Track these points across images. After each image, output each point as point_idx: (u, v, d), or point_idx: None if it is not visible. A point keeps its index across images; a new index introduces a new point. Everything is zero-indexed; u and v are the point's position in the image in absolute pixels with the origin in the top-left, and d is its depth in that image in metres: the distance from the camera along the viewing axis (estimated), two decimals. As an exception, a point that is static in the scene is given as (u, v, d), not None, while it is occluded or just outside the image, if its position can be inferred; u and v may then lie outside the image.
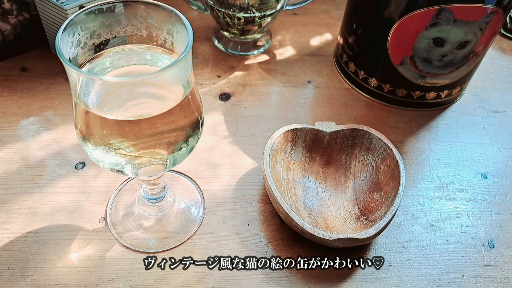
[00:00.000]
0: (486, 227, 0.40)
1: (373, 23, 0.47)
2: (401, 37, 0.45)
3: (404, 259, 0.37)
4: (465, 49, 0.44)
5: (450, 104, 0.52)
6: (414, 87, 0.49)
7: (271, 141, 0.40)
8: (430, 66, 0.46)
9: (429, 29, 0.43)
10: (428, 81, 0.48)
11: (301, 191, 0.40)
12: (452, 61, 0.45)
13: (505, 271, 0.37)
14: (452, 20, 0.41)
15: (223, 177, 0.42)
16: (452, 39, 0.43)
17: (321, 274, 0.36)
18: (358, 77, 0.52)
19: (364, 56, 0.50)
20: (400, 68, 0.47)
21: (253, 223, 0.39)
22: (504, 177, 0.45)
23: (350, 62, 0.52)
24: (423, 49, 0.45)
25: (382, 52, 0.47)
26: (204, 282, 0.35)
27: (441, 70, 0.47)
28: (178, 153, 0.30)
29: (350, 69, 0.53)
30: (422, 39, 0.44)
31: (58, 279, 0.34)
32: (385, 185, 0.39)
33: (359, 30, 0.49)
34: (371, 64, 0.50)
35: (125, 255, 0.36)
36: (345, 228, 0.37)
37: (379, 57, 0.48)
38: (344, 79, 0.54)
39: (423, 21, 0.42)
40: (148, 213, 0.39)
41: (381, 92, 0.51)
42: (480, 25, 0.42)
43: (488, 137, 0.49)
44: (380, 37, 0.46)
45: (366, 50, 0.50)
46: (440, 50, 0.44)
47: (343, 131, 0.42)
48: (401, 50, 0.46)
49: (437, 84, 0.48)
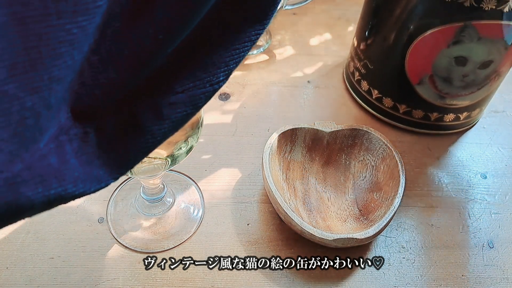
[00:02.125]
0: (485, 227, 0.40)
1: (390, 40, 0.43)
2: (421, 55, 0.41)
3: (403, 259, 0.37)
4: (488, 69, 0.41)
5: (469, 127, 0.49)
6: (432, 109, 0.45)
7: (271, 141, 0.40)
8: (450, 86, 0.43)
9: (451, 47, 0.39)
10: (447, 102, 0.45)
11: (300, 191, 0.40)
12: (474, 81, 0.42)
13: (504, 271, 0.37)
14: (476, 38, 0.38)
15: (223, 177, 0.42)
16: (475, 58, 0.40)
17: (321, 274, 0.36)
18: (372, 96, 0.48)
19: (379, 74, 0.47)
20: (418, 88, 0.44)
21: (253, 223, 0.39)
22: (503, 177, 0.45)
23: (363, 80, 0.49)
24: (443, 68, 0.41)
25: (399, 70, 0.44)
26: (204, 282, 0.35)
27: (461, 91, 0.43)
28: (178, 153, 0.30)
29: (363, 87, 0.49)
30: (443, 57, 0.40)
31: (57, 279, 0.34)
32: (385, 185, 0.39)
33: (374, 47, 0.46)
34: (386, 83, 0.47)
35: (124, 255, 0.36)
36: (344, 228, 0.37)
37: (395, 76, 0.45)
38: (356, 97, 0.51)
39: (445, 38, 0.39)
40: (147, 213, 0.39)
41: (396, 113, 0.47)
42: (506, 43, 0.39)
43: (487, 137, 0.49)
44: (398, 55, 0.43)
45: (382, 68, 0.46)
46: (462, 69, 0.41)
47: (342, 131, 0.42)
48: (420, 69, 0.43)
49: (456, 105, 0.45)
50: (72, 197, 0.15)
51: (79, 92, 0.15)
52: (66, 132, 0.15)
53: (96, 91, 0.15)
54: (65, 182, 0.15)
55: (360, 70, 0.49)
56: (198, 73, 0.17)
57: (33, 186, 0.14)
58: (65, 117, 0.15)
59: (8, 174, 0.13)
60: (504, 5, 0.35)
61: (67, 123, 0.15)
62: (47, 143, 0.14)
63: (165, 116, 0.17)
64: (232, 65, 0.18)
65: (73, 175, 0.15)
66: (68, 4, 0.12)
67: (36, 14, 0.12)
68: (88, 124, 0.16)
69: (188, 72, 0.17)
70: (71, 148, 0.15)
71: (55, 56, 0.13)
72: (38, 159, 0.14)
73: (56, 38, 0.12)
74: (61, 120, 0.15)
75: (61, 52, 0.13)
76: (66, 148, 0.15)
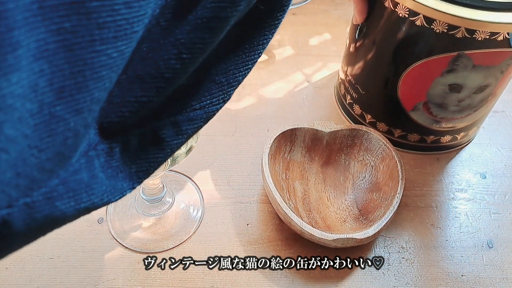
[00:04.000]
0: (485, 227, 0.40)
1: (381, 68, 0.42)
2: (414, 84, 0.40)
3: (403, 259, 0.37)
4: (484, 93, 0.39)
5: (466, 145, 0.48)
6: (428, 132, 0.44)
7: (270, 141, 0.40)
8: (445, 111, 0.41)
9: (445, 75, 0.38)
10: (443, 125, 0.43)
11: (300, 191, 0.40)
12: (469, 105, 0.41)
13: (504, 271, 0.37)
14: (470, 66, 0.36)
15: (222, 177, 0.42)
16: (470, 84, 0.38)
17: (321, 274, 0.36)
18: (365, 120, 0.46)
19: (371, 100, 0.45)
20: (412, 113, 0.42)
21: (253, 223, 0.39)
22: (503, 177, 0.45)
23: (355, 104, 0.47)
24: (438, 95, 0.40)
25: (392, 98, 0.42)
26: (204, 282, 0.35)
27: (457, 115, 0.42)
28: (177, 153, 0.30)
29: (355, 111, 0.47)
30: (437, 85, 0.39)
31: (57, 279, 0.34)
32: (384, 185, 0.39)
33: (365, 74, 0.44)
34: (379, 109, 0.45)
35: (124, 255, 0.36)
36: (344, 228, 0.37)
37: (388, 103, 0.43)
38: (349, 120, 0.49)
39: (438, 68, 0.38)
40: (147, 214, 0.39)
41: (391, 136, 0.45)
42: (501, 68, 0.37)
43: (487, 137, 0.49)
44: (390, 83, 0.41)
45: (374, 95, 0.44)
46: (456, 95, 0.39)
47: (342, 131, 0.42)
48: (413, 97, 0.41)
49: (453, 128, 0.44)
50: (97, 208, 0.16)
51: (107, 110, 0.16)
52: (94, 148, 0.16)
53: (123, 109, 0.16)
54: (93, 196, 0.16)
55: (352, 94, 0.47)
56: (214, 90, 0.18)
57: (66, 200, 0.15)
58: (93, 132, 0.16)
59: (47, 189, 0.14)
60: (497, 35, 0.34)
61: (95, 138, 0.16)
62: (78, 159, 0.15)
63: (183, 131, 0.18)
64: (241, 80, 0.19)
65: (101, 189, 0.16)
66: (110, 30, 0.13)
67: (82, 41, 0.12)
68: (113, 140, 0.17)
69: (205, 90, 0.18)
70: (99, 163, 0.16)
71: (97, 79, 0.13)
72: (71, 174, 0.15)
73: (99, 62, 0.13)
74: (90, 135, 0.16)
75: (102, 75, 0.14)
76: (94, 163, 0.16)
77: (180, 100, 0.18)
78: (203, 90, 0.18)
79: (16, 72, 0.11)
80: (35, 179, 0.13)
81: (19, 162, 0.12)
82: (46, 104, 0.13)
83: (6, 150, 0.12)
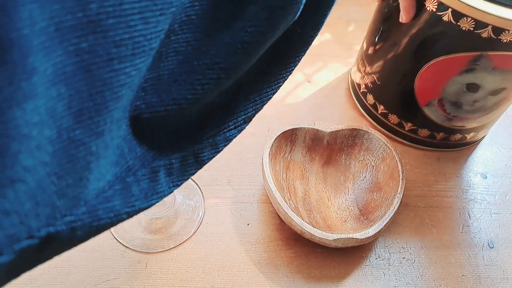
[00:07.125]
0: (485, 227, 0.40)
1: (400, 61, 0.42)
2: (431, 79, 0.40)
3: (403, 259, 0.37)
4: (499, 96, 0.40)
5: (474, 145, 0.48)
6: (438, 129, 0.44)
7: (271, 141, 0.40)
8: (459, 110, 0.42)
9: (463, 74, 0.38)
10: (454, 124, 0.43)
11: (300, 191, 0.40)
12: (483, 106, 0.41)
13: (504, 271, 0.37)
14: (490, 68, 0.37)
15: (223, 177, 0.42)
16: (487, 86, 0.38)
17: (321, 274, 0.36)
18: (377, 110, 0.47)
19: (386, 91, 0.45)
20: (425, 109, 0.43)
21: (253, 223, 0.39)
22: (503, 177, 0.45)
23: (369, 93, 0.47)
24: (454, 93, 0.40)
25: (408, 91, 0.43)
26: (204, 282, 0.35)
27: (470, 115, 0.42)
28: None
29: (369, 101, 0.48)
30: (454, 83, 0.39)
31: (57, 279, 0.34)
32: (385, 185, 0.39)
33: (383, 65, 0.44)
34: (393, 101, 0.45)
35: (124, 255, 0.36)
36: (344, 228, 0.37)
37: (403, 96, 0.44)
38: (360, 109, 0.50)
39: (457, 66, 0.38)
40: (147, 213, 0.39)
41: (401, 129, 0.46)
42: None
43: (488, 137, 0.49)
44: (408, 77, 0.42)
45: (390, 87, 0.45)
46: (472, 95, 0.40)
47: (342, 131, 0.42)
48: (429, 92, 0.41)
49: (464, 127, 0.44)
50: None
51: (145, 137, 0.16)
52: (134, 173, 0.16)
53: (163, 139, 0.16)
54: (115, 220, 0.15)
55: (367, 84, 0.48)
56: (249, 109, 0.19)
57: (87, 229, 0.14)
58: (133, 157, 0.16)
59: (72, 218, 0.13)
60: None
61: (135, 164, 0.16)
62: (112, 185, 0.15)
63: (219, 150, 0.19)
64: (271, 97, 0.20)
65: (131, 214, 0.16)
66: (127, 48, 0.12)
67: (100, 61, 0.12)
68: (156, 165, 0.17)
69: (241, 109, 0.19)
70: (138, 189, 0.16)
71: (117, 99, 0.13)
72: (101, 201, 0.14)
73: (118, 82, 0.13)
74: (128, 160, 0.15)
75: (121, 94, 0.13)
76: (132, 189, 0.15)
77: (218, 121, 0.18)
78: (239, 110, 0.19)
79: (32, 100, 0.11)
80: (56, 207, 0.13)
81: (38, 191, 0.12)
82: (64, 129, 0.12)
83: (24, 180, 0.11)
